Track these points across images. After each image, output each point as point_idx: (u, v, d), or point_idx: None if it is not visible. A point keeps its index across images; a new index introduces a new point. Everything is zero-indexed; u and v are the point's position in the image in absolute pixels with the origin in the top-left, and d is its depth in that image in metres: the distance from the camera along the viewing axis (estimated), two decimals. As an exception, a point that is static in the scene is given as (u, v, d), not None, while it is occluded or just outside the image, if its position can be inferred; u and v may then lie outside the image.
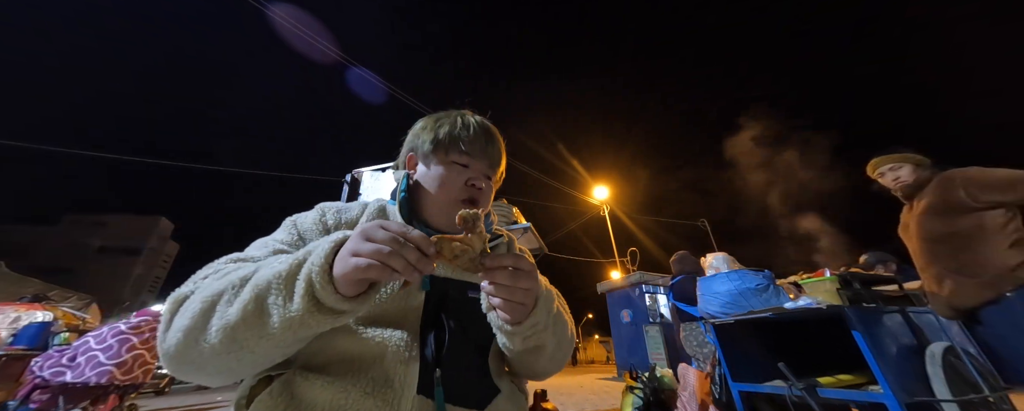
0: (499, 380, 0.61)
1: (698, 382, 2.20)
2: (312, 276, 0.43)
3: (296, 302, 0.43)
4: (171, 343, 0.45)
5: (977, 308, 1.50)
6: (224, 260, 0.55)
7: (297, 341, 0.46)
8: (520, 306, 0.53)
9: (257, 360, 0.46)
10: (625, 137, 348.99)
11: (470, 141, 0.70)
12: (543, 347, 0.61)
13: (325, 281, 0.43)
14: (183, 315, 0.46)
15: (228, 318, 0.43)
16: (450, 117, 0.74)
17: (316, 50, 10.52)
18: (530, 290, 0.52)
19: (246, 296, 0.44)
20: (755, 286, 1.97)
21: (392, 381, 0.50)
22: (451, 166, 0.70)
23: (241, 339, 0.43)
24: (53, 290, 6.71)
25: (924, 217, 1.68)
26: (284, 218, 0.70)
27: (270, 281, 0.44)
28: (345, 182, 5.88)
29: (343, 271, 0.43)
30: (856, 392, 1.47)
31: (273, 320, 0.43)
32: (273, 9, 8.49)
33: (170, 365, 0.46)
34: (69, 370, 2.31)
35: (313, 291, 0.43)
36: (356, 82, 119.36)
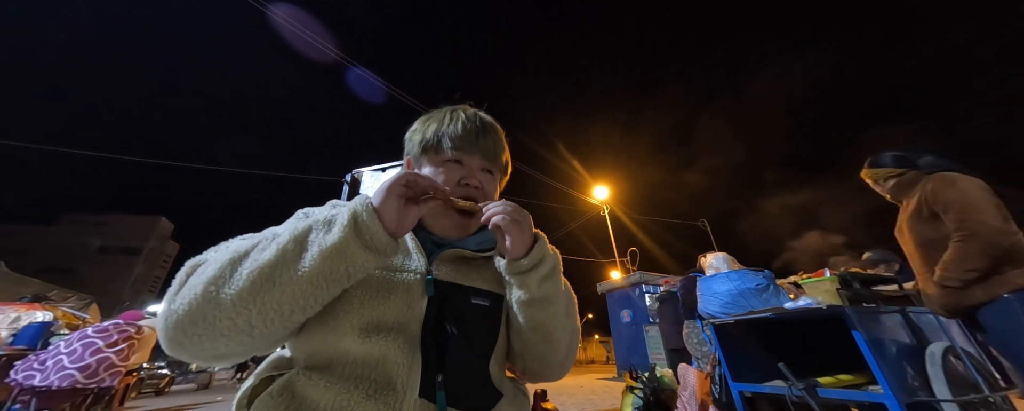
0: (501, 385, 0.60)
1: (698, 382, 2.20)
2: (356, 207, 0.48)
3: (336, 230, 0.47)
4: (183, 300, 0.43)
5: (974, 308, 1.50)
6: (238, 239, 0.55)
7: (330, 280, 0.47)
8: (519, 226, 0.58)
9: (282, 307, 0.45)
10: (625, 137, 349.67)
11: (460, 137, 0.67)
12: (553, 303, 0.62)
13: (369, 209, 0.48)
14: (203, 272, 0.46)
15: (264, 259, 0.45)
16: (439, 115, 0.72)
17: (317, 50, 10.52)
18: (527, 215, 0.59)
19: (284, 240, 0.47)
20: (755, 286, 1.97)
21: (394, 384, 0.50)
22: (445, 165, 0.67)
23: (276, 276, 0.44)
24: (53, 290, 6.70)
25: (912, 220, 1.68)
26: (284, 219, 0.68)
27: (310, 225, 0.48)
28: (345, 182, 5.88)
29: (381, 191, 0.50)
30: (856, 392, 1.47)
31: (311, 252, 0.46)
32: (273, 9, 8.49)
33: (173, 330, 0.43)
34: (38, 373, 2.37)
35: (356, 221, 0.47)
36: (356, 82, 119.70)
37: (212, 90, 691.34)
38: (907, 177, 1.73)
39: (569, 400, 4.71)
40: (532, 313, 0.61)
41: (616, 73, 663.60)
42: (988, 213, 1.45)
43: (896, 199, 1.80)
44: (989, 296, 1.43)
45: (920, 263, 1.67)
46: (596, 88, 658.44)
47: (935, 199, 1.57)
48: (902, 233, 1.79)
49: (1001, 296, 1.40)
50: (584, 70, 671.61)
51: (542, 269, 0.60)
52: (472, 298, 0.61)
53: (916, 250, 1.68)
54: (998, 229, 1.42)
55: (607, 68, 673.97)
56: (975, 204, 1.48)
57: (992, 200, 1.50)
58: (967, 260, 1.44)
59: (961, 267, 1.45)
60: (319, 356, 0.53)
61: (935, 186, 1.59)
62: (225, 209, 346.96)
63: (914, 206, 1.66)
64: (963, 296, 1.48)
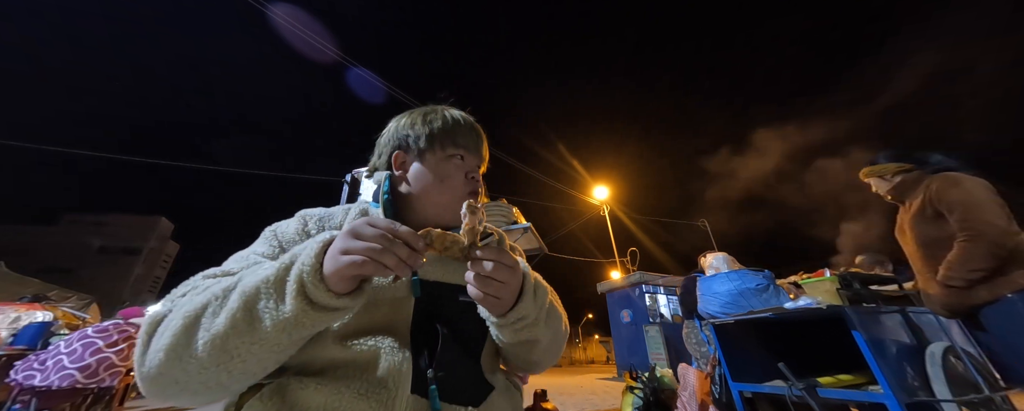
0: (493, 377, 0.61)
1: (698, 382, 2.19)
2: (303, 275, 0.43)
3: (288, 303, 0.42)
4: (152, 364, 0.42)
5: (977, 308, 1.49)
6: (200, 276, 0.53)
7: (292, 344, 0.45)
8: (495, 300, 0.53)
9: (249, 370, 0.44)
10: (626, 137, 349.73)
11: (465, 134, 0.71)
12: (536, 341, 0.61)
13: (316, 280, 0.43)
14: (162, 335, 0.43)
15: (215, 329, 0.42)
16: (436, 111, 0.74)
17: (317, 50, 10.52)
18: (506, 284, 0.52)
19: (233, 304, 0.43)
20: (755, 286, 1.97)
21: (386, 382, 0.50)
22: (449, 160, 0.70)
23: (231, 348, 0.42)
24: (53, 290, 6.70)
25: (914, 220, 1.68)
26: (285, 218, 0.68)
27: (258, 287, 0.43)
28: (345, 182, 5.86)
29: (334, 268, 0.43)
30: (856, 392, 1.47)
31: (265, 324, 0.42)
32: (274, 9, 8.49)
33: (151, 387, 0.43)
34: (38, 373, 2.38)
35: (305, 290, 0.42)
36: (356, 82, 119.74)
37: (212, 90, 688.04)
38: (912, 176, 1.73)
39: (569, 400, 4.71)
40: (509, 348, 0.63)
41: (617, 73, 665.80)
42: (993, 213, 1.45)
43: (898, 199, 1.80)
44: (992, 296, 1.43)
45: (921, 263, 1.67)
46: (597, 88, 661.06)
47: (939, 199, 1.56)
48: (903, 233, 1.79)
49: (1004, 296, 1.41)
50: (585, 70, 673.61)
51: (520, 324, 0.57)
52: (460, 295, 0.62)
53: (918, 250, 1.68)
54: (1003, 229, 1.42)
55: (608, 68, 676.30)
56: (980, 204, 1.48)
57: (996, 200, 1.50)
58: (972, 260, 1.44)
59: (966, 267, 1.45)
60: (310, 365, 0.53)
61: (939, 186, 1.59)
62: (225, 209, 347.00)
63: (918, 206, 1.66)
64: (966, 296, 1.48)
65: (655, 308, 7.92)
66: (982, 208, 1.47)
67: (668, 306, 8.08)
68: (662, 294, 8.20)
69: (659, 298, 8.13)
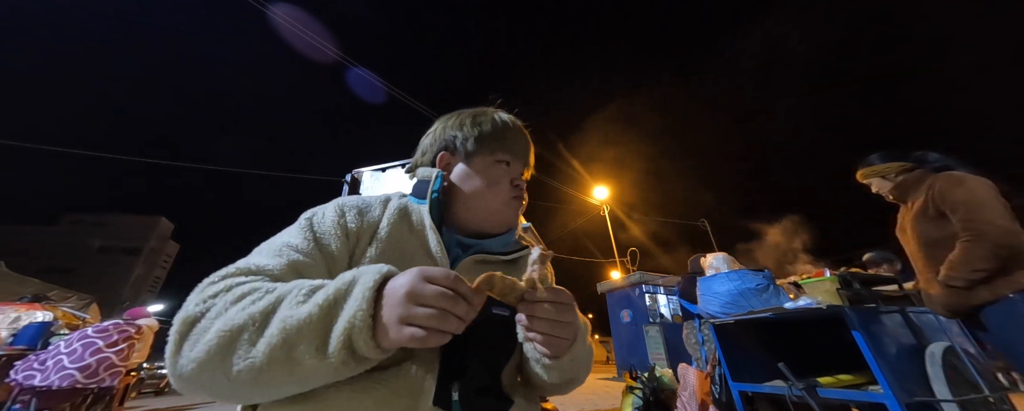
0: (514, 391, 0.61)
1: (698, 382, 2.20)
2: (352, 333, 0.41)
3: (331, 354, 0.41)
4: (185, 370, 0.42)
5: (978, 308, 1.49)
6: (234, 270, 0.50)
7: (326, 381, 0.45)
8: (562, 340, 0.52)
9: (281, 393, 0.45)
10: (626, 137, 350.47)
11: (514, 139, 0.71)
12: (576, 380, 0.63)
13: (368, 338, 0.41)
14: (196, 344, 0.42)
15: (253, 359, 0.40)
16: (486, 114, 0.73)
17: (317, 50, 10.51)
18: (571, 324, 0.51)
19: (274, 339, 0.41)
20: (755, 286, 1.97)
21: (408, 392, 0.49)
22: (497, 165, 0.69)
23: (266, 380, 0.41)
24: (53, 290, 6.71)
25: (916, 220, 1.68)
26: (284, 218, 0.68)
27: (301, 327, 0.41)
28: (345, 182, 5.87)
29: (393, 336, 0.41)
30: (856, 392, 1.47)
31: (304, 368, 0.41)
32: (274, 9, 8.50)
33: (183, 386, 0.43)
34: (39, 373, 2.38)
35: (352, 345, 0.41)
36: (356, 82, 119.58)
37: (213, 90, 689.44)
38: (914, 175, 1.73)
39: (569, 400, 4.71)
40: (546, 384, 0.62)
41: (618, 73, 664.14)
42: (997, 213, 1.45)
43: (899, 199, 1.80)
44: (994, 296, 1.43)
45: (923, 263, 1.67)
46: (597, 88, 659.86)
47: (943, 198, 1.56)
48: (904, 233, 1.79)
49: (1006, 296, 1.40)
50: (585, 70, 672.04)
51: (568, 365, 0.57)
52: (493, 308, 0.60)
53: (919, 250, 1.68)
54: (1007, 229, 1.42)
55: (608, 68, 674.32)
56: (984, 204, 1.48)
57: (1000, 200, 1.50)
58: (975, 260, 1.44)
59: (968, 267, 1.45)
60: None
61: (943, 185, 1.58)
62: (225, 209, 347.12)
63: (920, 205, 1.65)
64: (968, 296, 1.48)
65: (655, 308, 7.92)
66: (986, 208, 1.47)
67: (668, 306, 8.08)
68: (662, 294, 8.20)
69: (659, 298, 8.13)
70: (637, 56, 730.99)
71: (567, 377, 0.60)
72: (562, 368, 0.57)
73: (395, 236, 0.61)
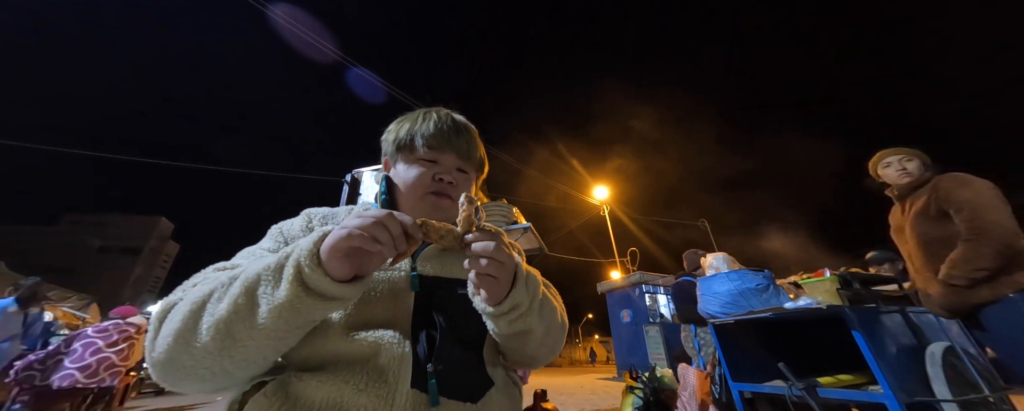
0: (493, 372, 0.61)
1: (698, 382, 2.20)
2: (300, 260, 0.44)
3: (283, 287, 0.44)
4: (161, 349, 0.45)
5: (977, 308, 1.49)
6: (211, 269, 0.56)
7: (290, 331, 0.46)
8: (494, 280, 0.53)
9: (251, 356, 0.46)
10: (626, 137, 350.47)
11: (432, 135, 0.70)
12: (530, 331, 0.61)
13: (313, 263, 0.44)
14: (172, 320, 0.46)
15: (219, 314, 0.44)
16: (413, 115, 0.75)
17: (317, 50, 10.52)
18: (504, 264, 0.52)
19: (235, 291, 0.45)
20: (755, 286, 1.97)
21: (385, 376, 0.51)
22: (418, 163, 0.70)
23: (235, 333, 0.44)
24: (53, 290, 6.71)
25: (917, 219, 1.68)
26: (284, 218, 0.70)
27: (259, 273, 0.46)
28: (345, 182, 5.88)
29: (329, 245, 0.45)
30: (856, 392, 1.47)
31: (262, 310, 0.44)
32: (274, 9, 8.50)
33: (160, 372, 0.46)
34: (38, 374, 2.39)
35: (301, 275, 0.44)
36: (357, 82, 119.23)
37: (212, 90, 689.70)
38: (926, 174, 1.74)
39: (569, 400, 4.71)
40: (506, 341, 0.62)
41: (618, 73, 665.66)
42: (1002, 214, 1.46)
43: (902, 197, 1.80)
44: (994, 296, 1.43)
45: (922, 262, 1.67)
46: (598, 88, 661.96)
47: (947, 198, 1.57)
48: (902, 233, 1.79)
49: (1006, 296, 1.41)
50: (585, 70, 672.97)
51: (514, 313, 0.56)
52: (458, 289, 0.62)
53: (918, 249, 1.68)
54: (1011, 230, 1.43)
55: (609, 68, 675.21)
56: (989, 204, 1.48)
57: (1004, 201, 1.51)
58: (977, 259, 1.44)
59: (970, 266, 1.45)
60: (311, 359, 0.53)
61: (948, 185, 1.59)
62: (225, 209, 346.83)
63: (922, 205, 1.66)
64: (968, 295, 1.48)
65: (655, 308, 7.93)
66: (991, 208, 1.47)
67: (668, 306, 8.08)
68: (662, 294, 8.20)
69: (659, 298, 8.13)
70: (638, 56, 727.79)
71: (518, 327, 0.58)
72: (509, 317, 0.56)
73: None
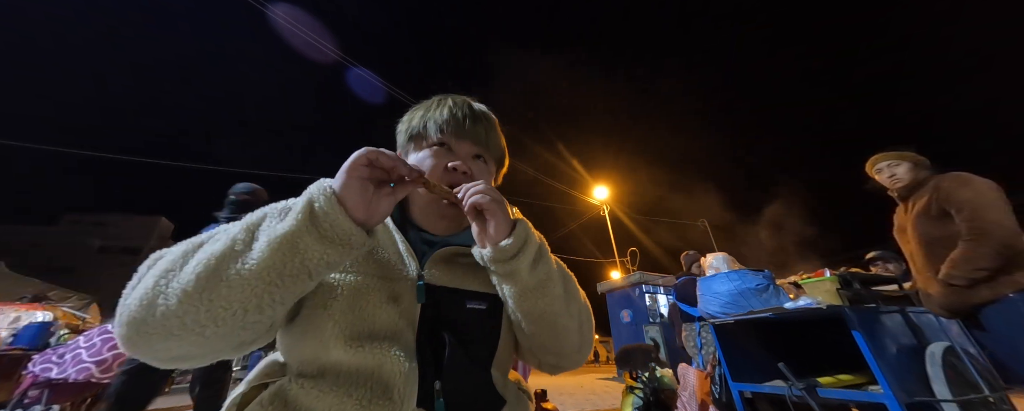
0: (504, 389, 0.58)
1: (698, 382, 2.20)
2: (312, 192, 0.43)
3: (289, 217, 0.42)
4: (136, 296, 0.41)
5: (977, 308, 1.49)
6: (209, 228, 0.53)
7: (281, 278, 0.42)
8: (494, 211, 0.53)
9: (231, 304, 0.40)
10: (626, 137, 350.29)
11: (445, 121, 0.63)
12: (549, 286, 0.57)
13: (328, 195, 0.43)
14: (157, 265, 0.43)
15: (212, 250, 0.41)
16: (428, 103, 0.69)
17: (317, 50, 10.53)
18: (498, 199, 0.54)
19: (235, 228, 0.43)
20: (755, 286, 1.97)
21: (390, 393, 0.48)
22: (428, 150, 0.64)
23: (221, 269, 0.40)
24: (53, 290, 6.72)
25: (918, 219, 1.68)
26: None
27: (265, 212, 0.45)
28: (345, 182, 5.88)
29: (343, 172, 0.44)
30: (856, 392, 1.47)
31: (259, 243, 0.41)
32: (274, 9, 8.50)
33: (128, 326, 0.40)
34: (56, 367, 2.39)
35: (312, 206, 0.42)
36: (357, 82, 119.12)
37: (212, 90, 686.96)
38: (922, 173, 1.74)
39: (569, 400, 4.71)
40: (529, 303, 0.56)
41: (618, 72, 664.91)
42: (1002, 214, 1.46)
43: (902, 196, 1.80)
44: (994, 296, 1.43)
45: (922, 262, 1.67)
46: (598, 88, 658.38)
47: (948, 198, 1.56)
48: (904, 232, 1.79)
49: (1006, 296, 1.41)
50: (585, 69, 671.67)
51: (529, 250, 0.54)
52: (468, 302, 0.58)
53: (919, 249, 1.68)
54: (1011, 230, 1.42)
55: (609, 67, 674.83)
56: (990, 204, 1.48)
57: (1005, 201, 1.51)
58: (978, 259, 1.44)
59: (971, 266, 1.45)
60: (311, 364, 0.50)
61: (949, 185, 1.59)
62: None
63: (923, 205, 1.66)
64: (968, 295, 1.48)
65: (655, 308, 7.92)
66: (991, 208, 1.47)
67: (668, 306, 8.08)
68: (662, 294, 8.20)
69: (659, 298, 8.12)
70: (639, 55, 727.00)
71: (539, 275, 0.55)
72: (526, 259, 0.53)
73: None
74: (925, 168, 1.76)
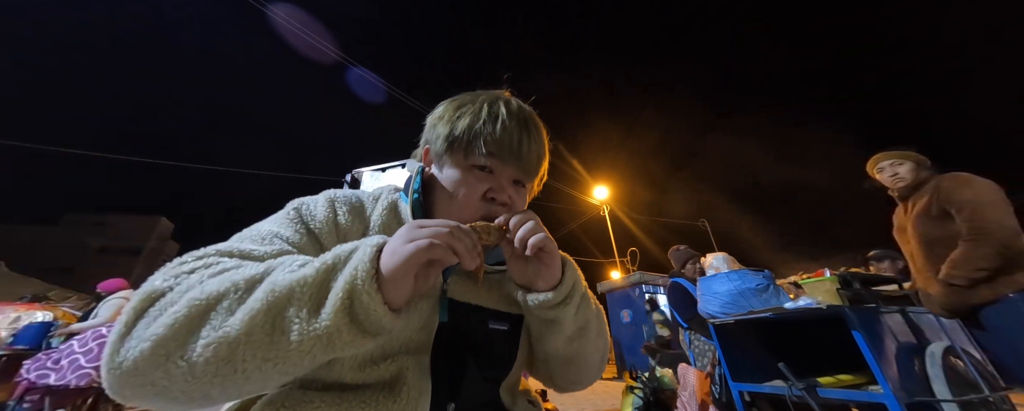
0: (514, 407, 0.56)
1: (698, 382, 2.19)
2: (356, 282, 0.36)
3: (326, 314, 0.35)
4: (131, 355, 0.33)
5: (977, 307, 1.49)
6: (213, 252, 0.45)
7: (306, 368, 0.38)
8: (549, 257, 0.51)
9: (245, 389, 0.37)
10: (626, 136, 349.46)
11: (496, 140, 0.54)
12: (589, 330, 0.58)
13: (373, 288, 0.36)
14: (156, 320, 0.35)
15: (227, 330, 0.34)
16: (476, 104, 0.58)
17: (317, 50, 10.53)
18: (550, 240, 0.51)
19: (255, 306, 0.35)
20: (755, 286, 1.97)
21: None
22: (469, 171, 0.56)
23: (238, 359, 0.34)
24: (53, 290, 6.72)
25: (919, 219, 1.68)
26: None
27: (291, 287, 0.36)
28: (345, 182, 5.89)
29: (397, 261, 0.37)
30: (856, 392, 1.47)
31: (290, 337, 0.35)
32: (274, 9, 8.50)
33: (119, 382, 0.34)
34: (53, 372, 2.37)
35: (353, 302, 0.36)
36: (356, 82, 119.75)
37: (212, 90, 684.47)
38: (924, 173, 1.74)
39: (569, 400, 4.71)
40: (570, 347, 0.57)
41: (618, 72, 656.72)
42: (1003, 214, 1.46)
43: (903, 196, 1.80)
44: (995, 295, 1.43)
45: (923, 262, 1.67)
46: (597, 87, 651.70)
47: (948, 198, 1.56)
48: (904, 233, 1.79)
49: (1006, 296, 1.41)
50: (585, 68, 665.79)
51: (577, 295, 0.53)
52: (491, 322, 0.56)
53: (920, 249, 1.68)
54: (1012, 230, 1.43)
55: (608, 67, 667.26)
56: (990, 204, 1.48)
57: (1005, 201, 1.51)
58: (978, 259, 1.44)
59: (971, 265, 1.45)
60: (316, 379, 0.47)
61: (949, 185, 1.59)
62: (225, 209, 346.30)
63: (923, 205, 1.66)
64: (968, 295, 1.48)
65: (655, 308, 7.91)
66: (992, 208, 1.47)
67: (668, 306, 8.08)
68: (662, 294, 8.20)
69: (659, 298, 8.12)
70: (639, 55, 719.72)
71: (581, 320, 0.55)
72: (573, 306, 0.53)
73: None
74: (927, 168, 1.76)
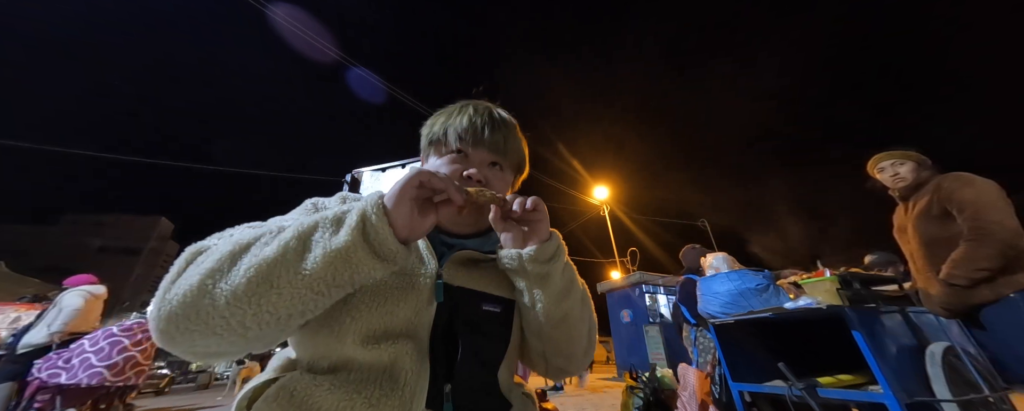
0: (510, 394, 0.59)
1: (698, 382, 2.20)
2: (366, 207, 0.44)
3: (343, 233, 0.43)
4: (178, 292, 0.41)
5: (977, 307, 1.49)
6: (245, 226, 0.54)
7: (330, 287, 0.44)
8: (540, 221, 0.58)
9: (279, 310, 0.42)
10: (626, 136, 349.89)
11: (465, 130, 0.64)
12: (574, 290, 0.63)
13: (380, 212, 0.44)
14: (204, 261, 0.43)
15: (263, 255, 0.42)
16: (450, 109, 0.70)
17: (317, 50, 10.52)
18: (544, 211, 0.59)
19: (287, 235, 0.43)
20: (755, 286, 1.97)
21: (400, 392, 0.48)
22: (448, 158, 0.65)
23: (274, 277, 0.41)
24: (53, 290, 6.72)
25: (919, 219, 1.67)
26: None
27: (316, 221, 0.45)
28: (345, 182, 5.89)
29: (394, 192, 0.46)
30: (856, 392, 1.47)
31: (314, 253, 0.42)
32: (273, 9, 8.50)
33: (169, 321, 0.40)
34: (64, 371, 2.38)
35: (365, 223, 0.44)
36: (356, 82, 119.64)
37: (212, 90, 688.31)
38: (925, 173, 1.73)
39: (569, 400, 4.71)
40: (557, 305, 0.60)
41: (618, 72, 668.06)
42: (1005, 214, 1.46)
43: (904, 196, 1.80)
44: (995, 295, 1.43)
45: (923, 262, 1.67)
46: (597, 87, 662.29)
47: (949, 197, 1.56)
48: (905, 233, 1.78)
49: (1007, 296, 1.41)
50: (585, 68, 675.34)
51: (562, 254, 0.60)
52: (484, 304, 0.59)
53: (920, 249, 1.68)
54: (1013, 230, 1.42)
55: (608, 67, 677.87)
56: (992, 204, 1.48)
57: (1007, 201, 1.50)
58: (979, 259, 1.44)
59: (972, 265, 1.45)
60: (323, 360, 0.51)
61: (951, 185, 1.58)
62: (225, 209, 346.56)
63: (924, 204, 1.66)
64: (968, 295, 1.48)
65: (655, 308, 7.92)
66: (993, 208, 1.47)
67: (668, 306, 8.07)
68: (662, 294, 8.20)
69: (659, 298, 8.12)
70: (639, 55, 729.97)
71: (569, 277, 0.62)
72: (560, 262, 0.59)
73: None
74: (928, 168, 1.76)
